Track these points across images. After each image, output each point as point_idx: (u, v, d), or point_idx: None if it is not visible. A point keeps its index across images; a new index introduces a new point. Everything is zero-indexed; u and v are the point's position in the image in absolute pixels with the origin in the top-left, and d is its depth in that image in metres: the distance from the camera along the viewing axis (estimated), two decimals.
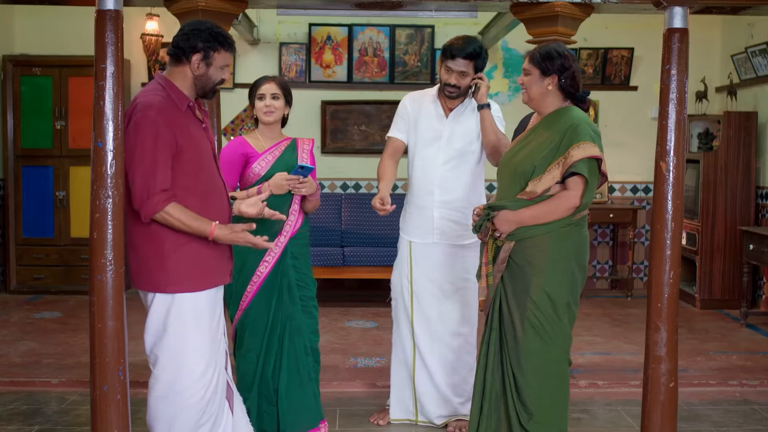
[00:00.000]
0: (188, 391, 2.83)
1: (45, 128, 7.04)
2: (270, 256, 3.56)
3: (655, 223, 2.99)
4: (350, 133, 7.26)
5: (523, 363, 3.05)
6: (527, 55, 3.18)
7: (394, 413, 3.93)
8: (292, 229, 3.59)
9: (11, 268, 7.08)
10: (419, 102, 3.86)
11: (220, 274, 2.95)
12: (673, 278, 2.95)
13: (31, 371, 4.67)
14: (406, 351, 3.86)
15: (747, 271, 6.12)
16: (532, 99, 3.16)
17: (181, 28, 2.92)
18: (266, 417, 3.60)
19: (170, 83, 2.88)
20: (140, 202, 2.73)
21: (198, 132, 2.90)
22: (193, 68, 2.87)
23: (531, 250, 3.05)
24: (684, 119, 2.94)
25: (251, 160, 3.60)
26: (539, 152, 3.05)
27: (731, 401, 4.38)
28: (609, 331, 5.87)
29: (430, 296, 3.79)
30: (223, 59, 2.90)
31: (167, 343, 2.83)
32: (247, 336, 3.60)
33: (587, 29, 5.30)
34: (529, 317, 3.03)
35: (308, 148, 3.70)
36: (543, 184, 3.01)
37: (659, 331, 2.96)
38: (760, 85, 6.68)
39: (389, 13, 6.59)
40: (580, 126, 3.01)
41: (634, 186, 7.53)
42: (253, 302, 3.58)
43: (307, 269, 3.69)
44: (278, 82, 3.64)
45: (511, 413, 3.08)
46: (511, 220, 3.04)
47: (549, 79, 3.10)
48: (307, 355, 3.62)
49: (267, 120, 3.61)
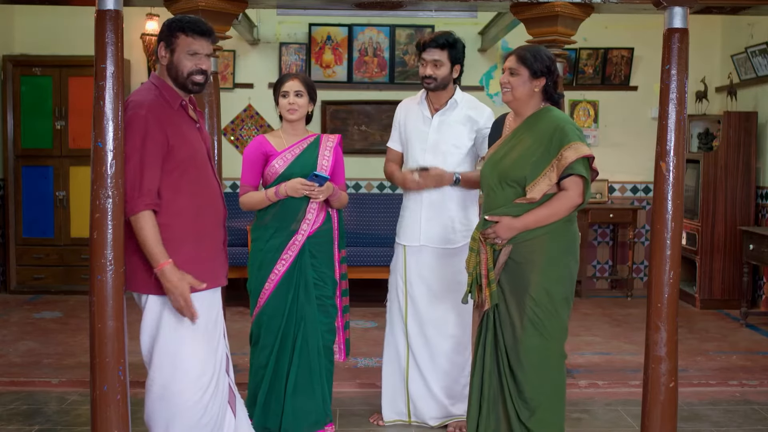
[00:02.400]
0: (185, 393, 2.82)
1: (45, 128, 7.04)
2: (288, 254, 3.56)
3: (655, 223, 2.99)
4: (350, 133, 7.26)
5: (523, 360, 3.05)
6: (513, 55, 3.16)
7: (386, 414, 3.92)
8: (310, 227, 3.58)
9: (11, 268, 7.08)
10: (407, 107, 3.90)
11: (213, 276, 2.92)
12: (673, 278, 2.95)
13: (31, 371, 4.67)
14: (400, 352, 3.86)
15: (747, 271, 6.12)
16: (516, 99, 3.16)
17: None
18: (272, 414, 3.59)
19: (163, 82, 2.87)
20: (126, 199, 2.72)
21: (191, 132, 2.89)
22: (160, 58, 2.85)
23: (530, 249, 3.06)
24: (684, 119, 2.94)
25: (271, 158, 3.60)
26: (528, 157, 3.06)
27: (731, 401, 4.38)
28: (609, 331, 5.87)
29: (423, 298, 3.80)
30: (186, 44, 2.82)
31: (162, 344, 2.82)
32: (263, 333, 3.60)
33: (587, 29, 5.31)
34: (529, 314, 3.04)
35: (332, 144, 3.69)
36: (540, 189, 3.03)
37: (659, 331, 2.96)
38: (760, 85, 6.67)
39: (389, 13, 6.59)
40: (566, 127, 3.04)
41: (634, 186, 7.52)
42: (270, 300, 3.58)
43: (327, 268, 3.66)
44: (302, 79, 3.64)
45: (510, 412, 3.09)
46: (514, 227, 3.05)
47: (537, 81, 3.12)
48: (320, 356, 3.61)
49: (290, 118, 3.61)
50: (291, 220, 3.55)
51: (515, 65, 3.13)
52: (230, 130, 7.30)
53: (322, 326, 3.63)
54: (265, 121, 7.30)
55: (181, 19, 2.86)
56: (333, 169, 3.66)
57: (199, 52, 2.84)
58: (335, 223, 3.74)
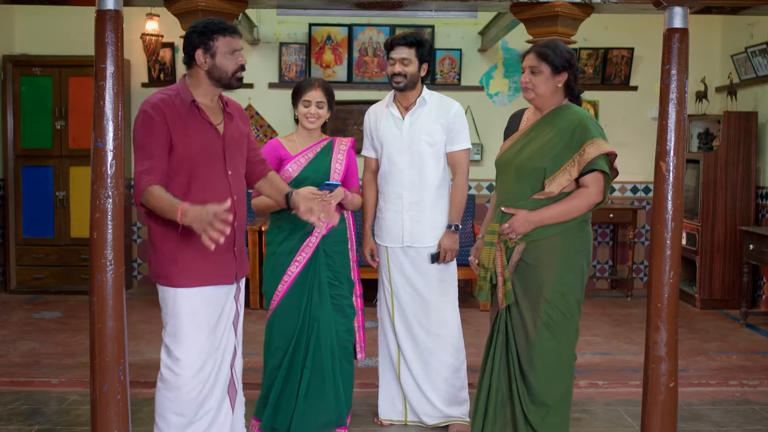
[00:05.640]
0: (187, 386, 2.88)
1: (45, 128, 7.04)
2: (301, 255, 3.58)
3: (655, 223, 2.99)
4: (350, 133, 7.25)
5: (537, 363, 3.04)
6: (532, 52, 3.12)
7: (384, 413, 3.92)
8: (324, 228, 3.58)
9: (11, 268, 7.08)
10: (376, 111, 3.91)
11: (217, 274, 2.95)
12: (673, 278, 2.94)
13: (31, 371, 4.67)
14: (391, 352, 3.87)
15: (747, 271, 6.12)
16: (540, 96, 3.12)
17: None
18: (281, 416, 3.60)
19: (183, 84, 2.95)
20: (134, 190, 2.83)
21: (201, 132, 2.90)
22: (201, 65, 2.90)
23: (543, 250, 3.04)
24: (684, 119, 2.93)
25: (284, 162, 3.61)
26: (549, 150, 3.03)
27: (731, 401, 4.38)
28: (609, 331, 5.87)
29: (408, 298, 3.80)
30: (226, 45, 2.89)
31: (169, 335, 2.91)
32: (275, 335, 3.61)
33: (587, 29, 5.31)
34: (543, 317, 3.03)
35: (345, 148, 3.72)
36: (559, 183, 3.00)
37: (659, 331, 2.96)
38: (760, 85, 6.67)
39: (389, 13, 6.59)
40: (588, 123, 3.04)
41: (634, 186, 7.52)
42: (283, 302, 3.59)
43: (343, 267, 3.67)
44: (324, 89, 3.64)
45: (518, 416, 3.07)
46: (531, 220, 3.02)
47: (560, 76, 3.09)
48: (333, 357, 3.60)
49: (310, 127, 3.65)
50: (305, 221, 3.52)
51: (536, 63, 3.09)
52: None
53: (338, 326, 3.62)
54: (265, 121, 7.30)
55: (209, 22, 2.91)
56: (346, 173, 3.69)
57: (237, 49, 2.92)
58: (351, 223, 3.74)
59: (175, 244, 2.88)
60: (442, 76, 7.32)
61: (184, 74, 2.99)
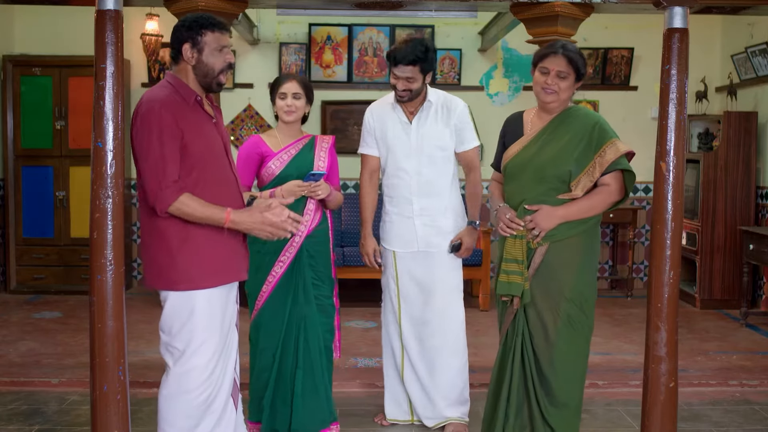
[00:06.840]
0: (196, 390, 2.84)
1: (45, 128, 7.05)
2: (285, 255, 3.57)
3: (655, 223, 2.99)
4: (350, 133, 7.25)
5: (557, 364, 3.04)
6: (562, 56, 3.05)
7: (390, 413, 3.93)
8: (307, 227, 3.58)
9: (11, 268, 7.08)
10: (380, 113, 3.80)
11: (235, 270, 2.93)
12: (673, 278, 2.94)
13: (31, 371, 4.67)
14: (395, 352, 3.87)
15: (747, 271, 6.12)
16: (563, 101, 3.12)
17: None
18: (279, 416, 3.59)
19: (177, 79, 2.88)
20: (153, 196, 2.72)
21: (206, 127, 2.88)
22: (188, 60, 2.85)
23: (564, 251, 3.05)
24: (684, 119, 2.93)
25: (267, 158, 3.60)
26: (570, 152, 3.04)
27: (731, 401, 4.38)
28: (609, 331, 5.87)
29: (416, 299, 3.79)
30: (214, 41, 2.83)
31: (180, 341, 2.84)
32: (262, 336, 3.60)
33: (587, 29, 5.31)
34: (563, 316, 3.03)
35: (327, 146, 3.70)
36: (584, 186, 3.05)
37: (659, 331, 2.96)
38: (760, 85, 6.67)
39: (389, 13, 6.59)
40: (604, 124, 3.10)
41: (634, 186, 7.51)
42: (268, 302, 3.58)
43: (324, 267, 3.66)
44: (300, 81, 3.62)
45: (536, 417, 3.07)
46: (556, 215, 3.03)
47: (579, 83, 3.14)
48: (321, 356, 3.61)
49: (288, 119, 3.62)
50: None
51: (566, 68, 3.06)
52: (230, 130, 7.29)
53: (322, 326, 3.63)
54: (265, 121, 7.30)
55: (198, 17, 2.86)
56: (328, 171, 3.67)
57: (225, 45, 2.87)
58: (331, 222, 3.74)
59: (197, 245, 2.80)
60: (442, 76, 7.33)
61: (168, 71, 2.93)
